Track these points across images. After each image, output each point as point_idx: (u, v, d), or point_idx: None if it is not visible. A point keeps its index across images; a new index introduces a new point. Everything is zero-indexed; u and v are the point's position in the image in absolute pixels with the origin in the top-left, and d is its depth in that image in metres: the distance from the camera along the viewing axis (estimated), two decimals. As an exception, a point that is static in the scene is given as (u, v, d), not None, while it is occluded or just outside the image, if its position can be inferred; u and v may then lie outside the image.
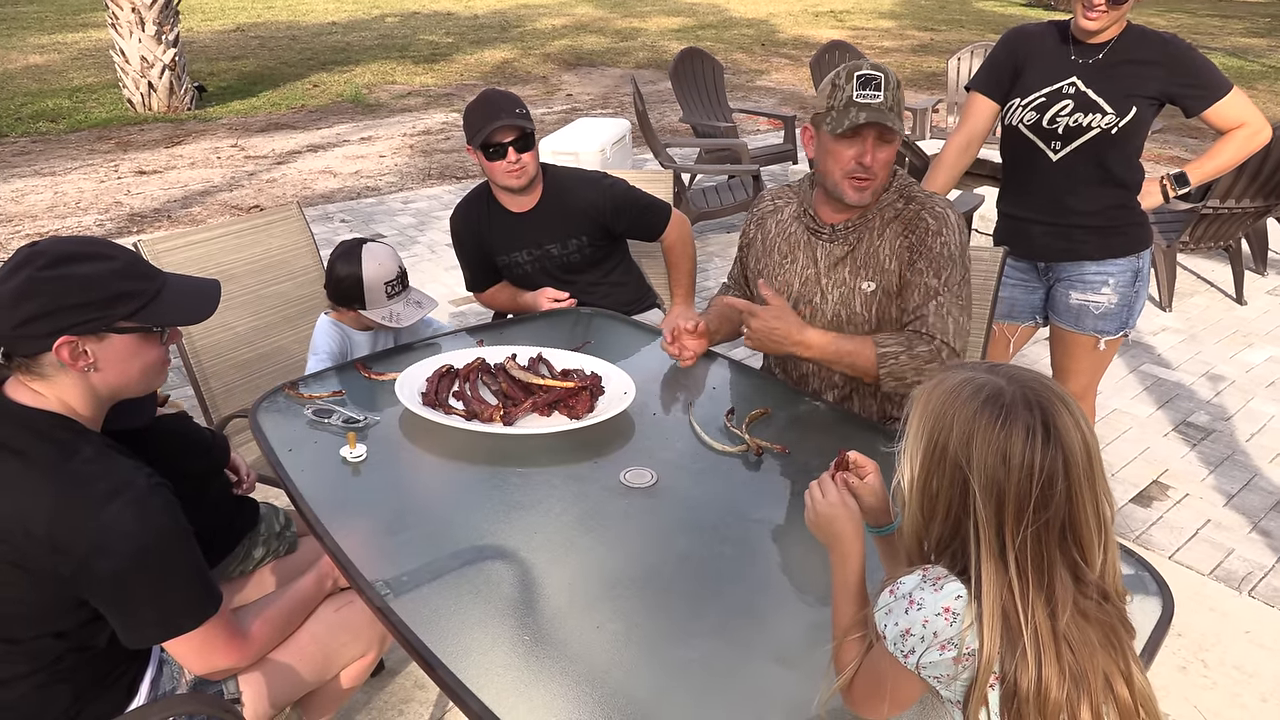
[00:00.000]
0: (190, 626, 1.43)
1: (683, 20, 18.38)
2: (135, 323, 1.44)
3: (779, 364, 2.31)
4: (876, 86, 1.94)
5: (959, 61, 7.45)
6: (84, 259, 1.41)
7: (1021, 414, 1.04)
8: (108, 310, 1.41)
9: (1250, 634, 2.59)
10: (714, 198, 5.75)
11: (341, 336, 2.49)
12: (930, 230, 2.04)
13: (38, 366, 1.40)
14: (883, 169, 2.01)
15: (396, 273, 2.44)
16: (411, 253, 5.78)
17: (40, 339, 1.37)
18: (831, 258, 2.12)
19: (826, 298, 2.13)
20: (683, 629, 1.39)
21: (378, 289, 2.41)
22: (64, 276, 1.38)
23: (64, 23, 15.47)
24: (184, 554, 1.42)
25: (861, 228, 2.10)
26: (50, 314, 1.36)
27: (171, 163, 7.95)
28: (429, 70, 12.71)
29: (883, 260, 2.08)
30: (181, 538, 1.41)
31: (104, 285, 1.41)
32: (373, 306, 2.42)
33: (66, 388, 1.42)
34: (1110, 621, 1.05)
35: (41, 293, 1.36)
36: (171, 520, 1.40)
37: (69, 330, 1.38)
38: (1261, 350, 4.48)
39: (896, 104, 1.96)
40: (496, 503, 1.71)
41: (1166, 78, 2.40)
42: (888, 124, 1.93)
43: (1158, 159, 8.07)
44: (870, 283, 2.08)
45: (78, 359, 1.40)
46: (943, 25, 18.51)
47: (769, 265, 2.23)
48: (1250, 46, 15.83)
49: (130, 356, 1.46)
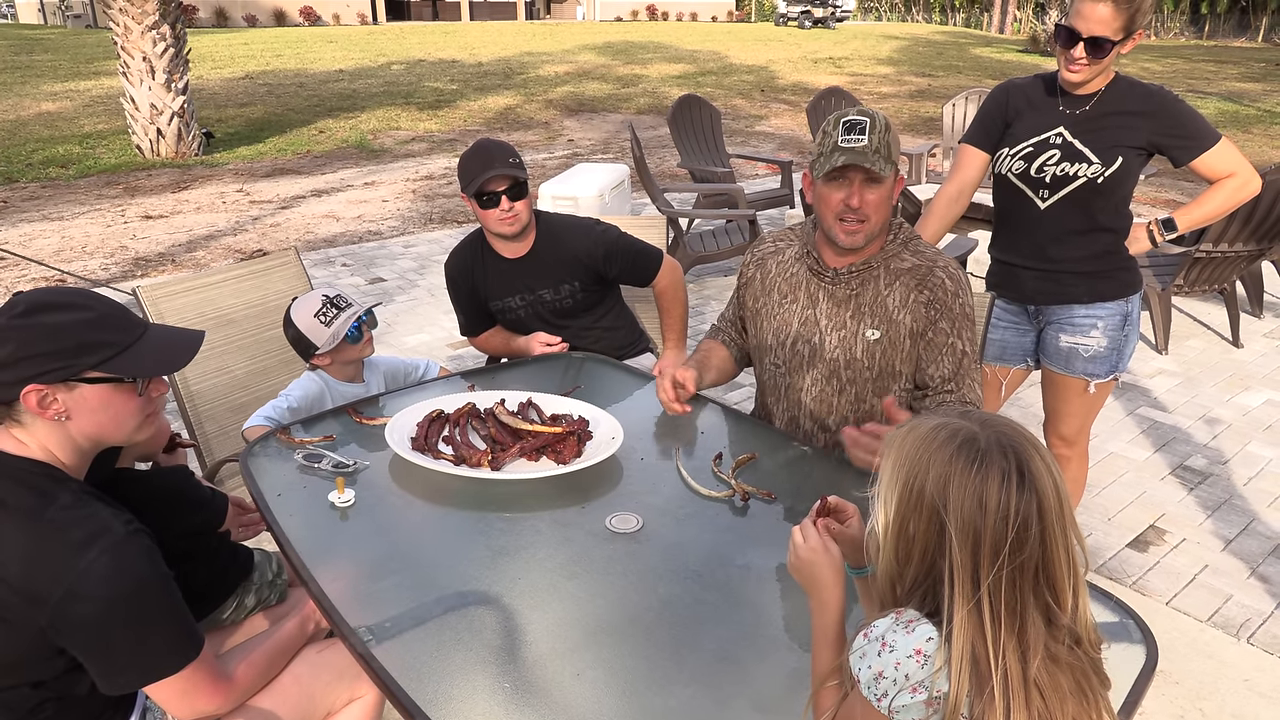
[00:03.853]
0: (171, 671, 1.42)
1: (684, 67, 18.64)
2: (103, 372, 1.44)
3: (776, 409, 2.32)
4: (861, 131, 1.97)
5: (954, 107, 7.55)
6: (57, 309, 1.43)
7: (997, 459, 1.05)
8: (73, 360, 1.41)
9: (1249, 682, 2.56)
10: (711, 242, 5.80)
11: (322, 387, 2.50)
12: (949, 291, 2.08)
13: (14, 414, 1.42)
14: (874, 210, 2.03)
15: (321, 302, 2.47)
16: (411, 295, 5.83)
17: (9, 386, 1.39)
18: (834, 300, 2.14)
19: (826, 340, 2.15)
20: (663, 676, 1.39)
21: (314, 327, 2.45)
22: (32, 325, 1.40)
23: (77, 71, 15.75)
24: (162, 600, 1.41)
25: (866, 274, 2.12)
26: (17, 362, 1.38)
27: (177, 207, 8.05)
28: (433, 116, 12.89)
29: (891, 311, 2.10)
30: (160, 584, 1.41)
31: (71, 335, 1.41)
32: (321, 341, 2.45)
33: (46, 435, 1.43)
34: (1082, 668, 1.06)
35: (9, 340, 1.38)
36: (149, 566, 1.39)
37: (34, 379, 1.39)
38: (1258, 394, 4.48)
39: (884, 146, 1.99)
40: (482, 548, 1.71)
41: (1153, 128, 2.43)
42: (866, 165, 1.97)
43: (1152, 202, 8.13)
44: (875, 331, 2.10)
45: (47, 407, 1.41)
46: (940, 71, 18.75)
47: (768, 305, 2.25)
48: (1245, 91, 16.01)
49: (101, 407, 1.46)
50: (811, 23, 29.68)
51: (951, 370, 2.09)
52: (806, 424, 2.23)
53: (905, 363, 2.12)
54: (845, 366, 2.13)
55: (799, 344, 2.18)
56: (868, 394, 2.15)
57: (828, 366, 2.15)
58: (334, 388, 2.52)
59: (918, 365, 2.13)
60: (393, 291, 5.91)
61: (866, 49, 22.53)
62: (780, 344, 2.22)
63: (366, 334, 2.53)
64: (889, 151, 2.00)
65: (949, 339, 2.08)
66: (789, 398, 2.24)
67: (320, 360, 2.49)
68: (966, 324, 2.09)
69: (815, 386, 2.19)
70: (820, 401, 2.19)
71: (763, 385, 2.33)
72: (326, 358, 2.48)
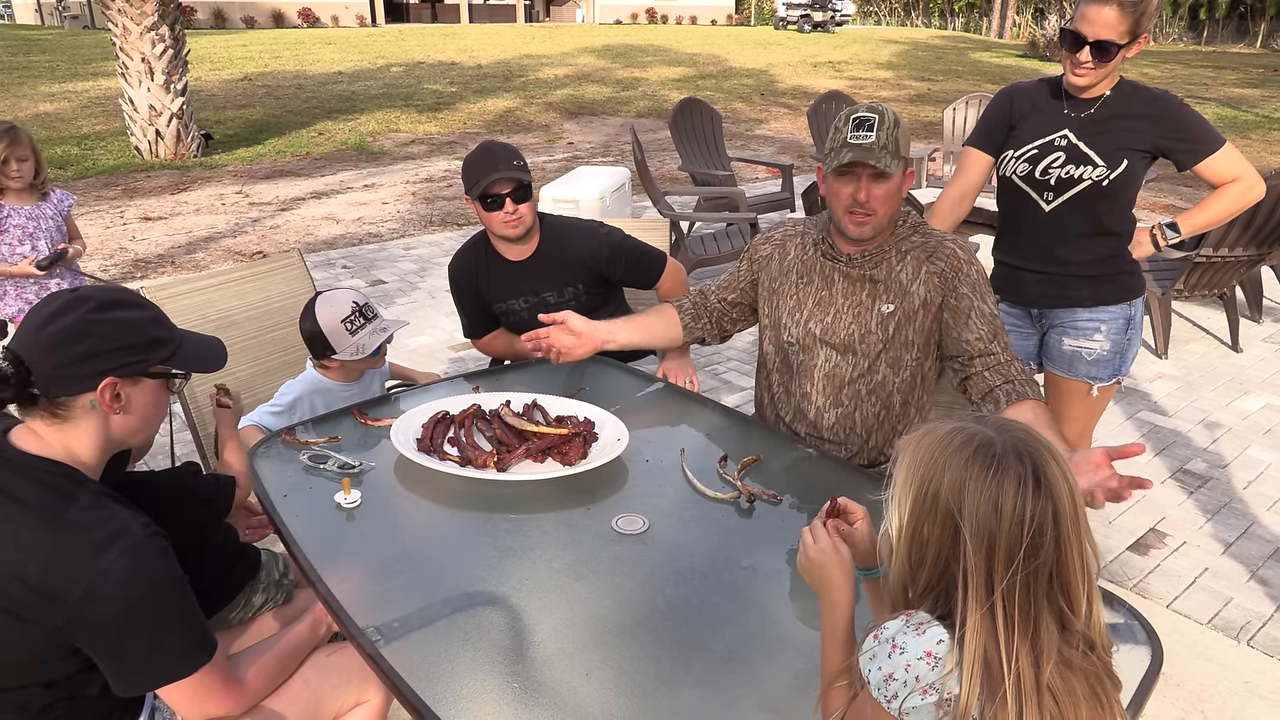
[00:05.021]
0: (185, 674, 1.43)
1: (683, 70, 18.66)
2: (167, 367, 1.52)
3: (781, 391, 2.32)
4: (870, 127, 2.02)
5: (954, 111, 7.56)
6: (127, 306, 1.50)
7: (1013, 464, 1.06)
8: (147, 354, 1.49)
9: (1249, 684, 2.57)
10: (711, 245, 5.81)
11: (314, 389, 2.50)
12: (962, 260, 2.13)
13: (65, 410, 1.43)
14: (882, 204, 2.07)
15: (351, 309, 2.45)
16: (412, 298, 5.83)
17: (85, 379, 1.42)
18: (849, 279, 2.19)
19: (840, 317, 2.19)
20: (671, 676, 1.39)
21: (339, 332, 2.43)
22: (113, 320, 1.45)
23: (75, 72, 15.73)
24: (179, 602, 1.42)
25: (879, 256, 2.16)
26: (100, 354, 1.42)
27: (177, 209, 8.04)
28: (432, 119, 12.89)
29: (905, 284, 2.14)
30: (176, 586, 1.42)
31: (143, 331, 1.49)
32: (342, 349, 2.44)
33: (80, 434, 1.45)
34: (1096, 672, 1.06)
35: (93, 334, 1.42)
36: (166, 569, 1.40)
37: (114, 371, 1.44)
38: (1258, 398, 4.49)
39: (892, 142, 2.02)
40: (488, 549, 1.71)
41: (1158, 132, 2.44)
42: (871, 162, 2.00)
43: (1152, 207, 8.15)
44: (890, 304, 2.15)
45: (115, 401, 1.45)
46: (939, 76, 18.80)
47: (785, 284, 2.29)
48: (1244, 97, 16.05)
49: (153, 401, 1.53)
50: (811, 26, 29.72)
51: (989, 331, 2.07)
52: (818, 400, 2.24)
53: (919, 334, 2.15)
54: (859, 340, 2.18)
55: (813, 323, 2.22)
56: (880, 365, 2.18)
57: (842, 341, 2.19)
58: (328, 389, 2.52)
59: (945, 335, 2.14)
60: (393, 294, 5.91)
61: (866, 53, 22.57)
62: (796, 323, 2.25)
63: (383, 350, 2.53)
64: (897, 147, 2.03)
65: (973, 302, 2.09)
66: (802, 374, 2.26)
67: (331, 363, 2.49)
68: (987, 289, 2.12)
69: (829, 363, 2.22)
70: (831, 378, 2.22)
71: (774, 364, 2.34)
72: (337, 362, 2.48)
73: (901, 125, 2.05)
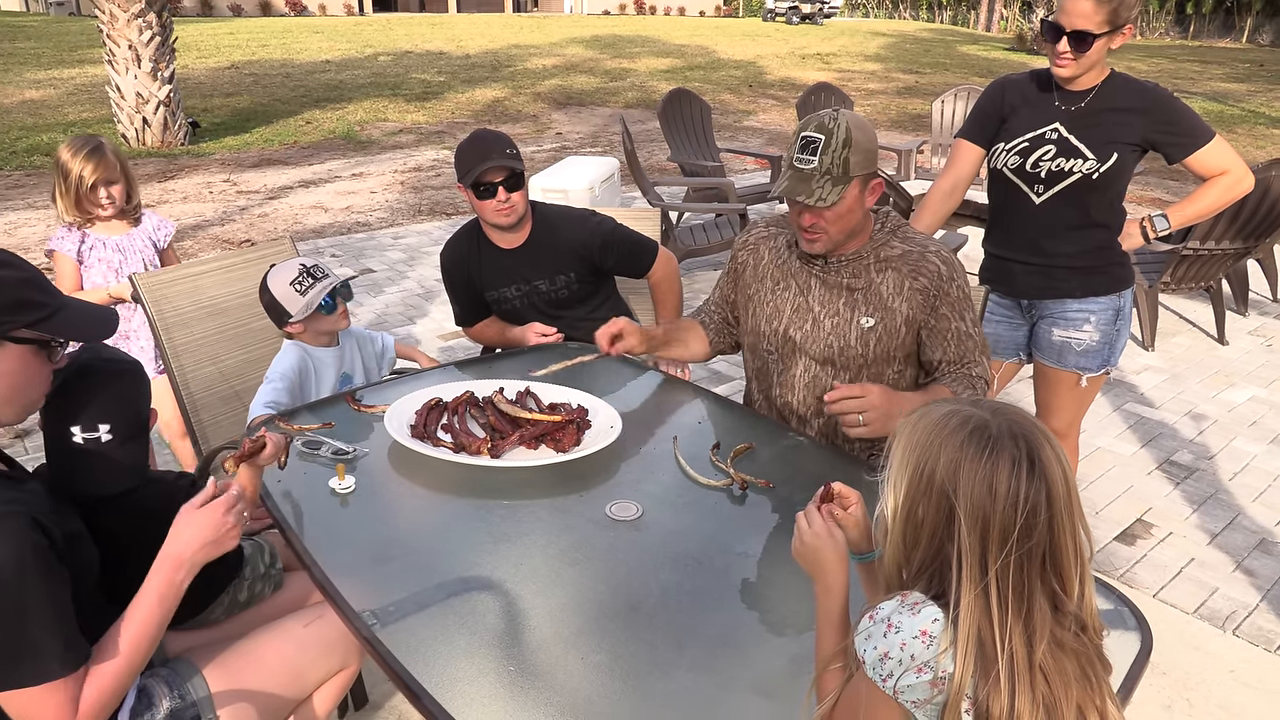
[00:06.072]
0: (12, 685, 1.28)
1: (671, 61, 18.63)
2: (35, 333, 1.41)
3: (763, 399, 2.33)
4: (814, 150, 1.96)
5: (943, 104, 7.58)
6: None
7: (1008, 446, 1.07)
8: (12, 316, 1.37)
9: (1235, 673, 2.60)
10: (701, 235, 5.81)
11: (301, 354, 2.50)
12: (944, 276, 2.09)
13: None
14: (832, 224, 2.04)
15: (298, 271, 2.46)
16: (401, 287, 5.81)
17: None
18: (826, 286, 2.16)
19: (820, 326, 2.16)
20: (666, 660, 1.40)
21: (289, 295, 2.44)
22: None
23: (61, 59, 15.58)
24: (30, 599, 1.26)
25: (857, 264, 2.13)
26: None
27: (164, 197, 7.99)
28: (421, 108, 12.83)
29: (886, 298, 2.11)
30: (27, 582, 1.27)
31: (11, 291, 1.37)
32: (296, 310, 2.44)
33: None
34: (1087, 654, 1.07)
35: None
36: (15, 562, 1.26)
37: None
38: (1244, 390, 4.53)
39: (838, 165, 1.95)
40: (483, 534, 1.72)
41: (1148, 125, 2.45)
42: (800, 198, 1.97)
43: (1139, 201, 8.19)
44: (870, 319, 2.12)
45: None
46: (927, 69, 18.82)
47: (760, 291, 2.27)
48: (1230, 91, 16.14)
49: (19, 369, 1.41)
50: (799, 18, 29.71)
51: (956, 354, 2.12)
52: (801, 410, 2.24)
53: (900, 348, 2.14)
54: (839, 353, 2.15)
55: (791, 330, 2.19)
56: (862, 379, 2.16)
57: (821, 353, 2.16)
58: (313, 354, 2.52)
59: (920, 349, 2.15)
60: (382, 283, 5.89)
61: (854, 45, 22.58)
62: (773, 331, 2.23)
63: (341, 306, 2.53)
64: (845, 169, 1.96)
65: (951, 323, 2.10)
66: (782, 384, 2.25)
67: (294, 328, 2.49)
68: (966, 305, 2.12)
69: (808, 373, 2.20)
70: (812, 389, 2.20)
71: (755, 372, 2.34)
72: (300, 325, 2.48)
73: (854, 143, 1.95)
